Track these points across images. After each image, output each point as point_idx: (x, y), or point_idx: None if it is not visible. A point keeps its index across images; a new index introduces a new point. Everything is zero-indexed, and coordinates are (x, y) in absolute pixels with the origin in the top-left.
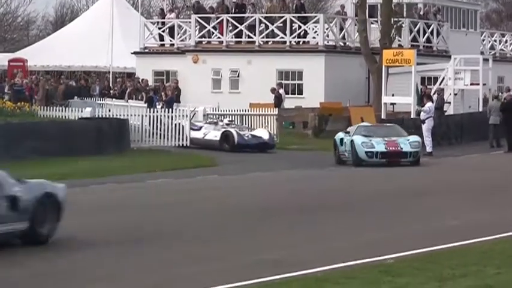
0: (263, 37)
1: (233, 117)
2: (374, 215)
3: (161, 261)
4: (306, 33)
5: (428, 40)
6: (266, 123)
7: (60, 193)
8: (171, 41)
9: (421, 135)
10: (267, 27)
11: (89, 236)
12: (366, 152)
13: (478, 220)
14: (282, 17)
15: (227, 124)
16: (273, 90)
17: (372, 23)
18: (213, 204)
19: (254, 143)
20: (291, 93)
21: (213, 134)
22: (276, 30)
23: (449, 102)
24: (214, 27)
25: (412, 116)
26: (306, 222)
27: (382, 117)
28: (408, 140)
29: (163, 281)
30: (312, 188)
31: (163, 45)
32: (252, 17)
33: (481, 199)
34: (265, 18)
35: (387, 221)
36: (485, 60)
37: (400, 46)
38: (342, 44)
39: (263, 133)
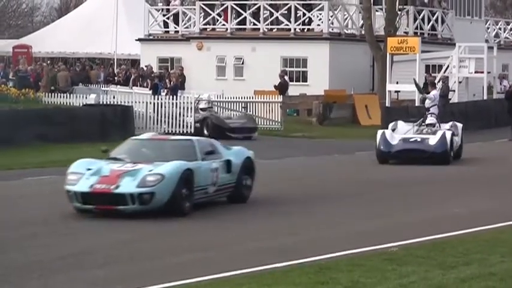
0: (267, 24)
1: (237, 104)
2: (377, 203)
3: (163, 248)
4: (310, 21)
5: (433, 28)
6: (270, 111)
7: None
8: (175, 28)
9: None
10: (271, 14)
11: (92, 222)
12: (67, 191)
13: (482, 209)
14: (287, 4)
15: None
16: (281, 77)
17: (376, 11)
18: None
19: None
20: (296, 81)
21: None
22: (281, 18)
23: (454, 90)
24: (218, 14)
25: (416, 104)
26: (309, 210)
27: (387, 105)
28: (151, 171)
29: (165, 268)
30: (314, 175)
31: (167, 32)
32: (256, 4)
33: (485, 187)
34: (269, 5)
35: (390, 210)
36: (490, 48)
37: (405, 34)
38: (347, 32)
39: None
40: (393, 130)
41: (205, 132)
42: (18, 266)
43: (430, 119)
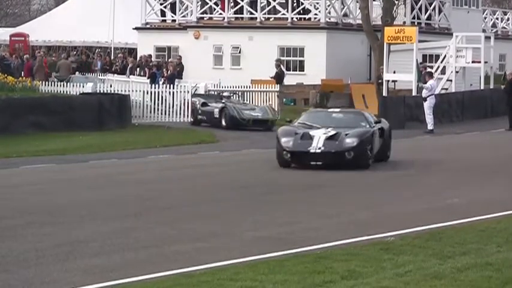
0: (265, 13)
1: (234, 93)
2: (373, 192)
3: (159, 237)
4: (307, 10)
5: (430, 17)
6: (267, 100)
7: None
8: (172, 16)
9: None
10: (268, 3)
11: (88, 211)
12: None
13: (479, 198)
14: None
15: None
16: (277, 66)
17: (373, 0)
18: (213, 180)
19: None
20: (293, 70)
21: None
22: (278, 7)
23: (451, 80)
24: (215, 3)
25: (413, 94)
26: (306, 199)
27: (384, 94)
28: None
29: (161, 257)
30: (310, 165)
31: (164, 21)
32: None
33: (482, 177)
34: None
35: (387, 199)
36: (487, 38)
37: (403, 23)
38: (344, 21)
39: None
40: None
41: (223, 123)
42: (14, 254)
43: None
